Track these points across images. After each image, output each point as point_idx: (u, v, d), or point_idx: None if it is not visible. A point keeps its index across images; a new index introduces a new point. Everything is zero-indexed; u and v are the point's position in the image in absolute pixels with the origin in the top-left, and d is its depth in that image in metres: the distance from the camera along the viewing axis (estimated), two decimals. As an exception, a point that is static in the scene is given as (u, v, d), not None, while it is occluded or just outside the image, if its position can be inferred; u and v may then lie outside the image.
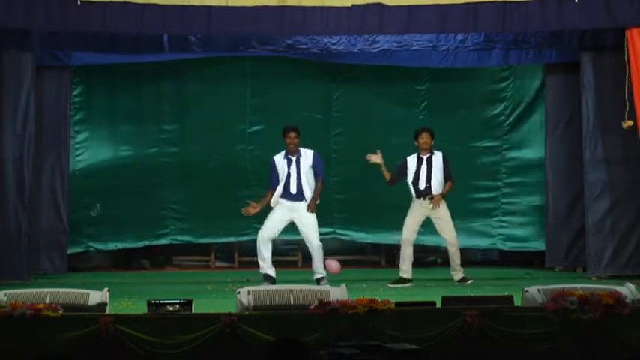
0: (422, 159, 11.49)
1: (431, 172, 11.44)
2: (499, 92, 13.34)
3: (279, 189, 11.11)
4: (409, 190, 11.50)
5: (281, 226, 11.20)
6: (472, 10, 11.01)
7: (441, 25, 11.11)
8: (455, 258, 11.52)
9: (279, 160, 11.22)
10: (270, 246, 11.13)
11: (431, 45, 11.94)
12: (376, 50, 11.94)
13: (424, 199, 11.42)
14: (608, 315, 8.01)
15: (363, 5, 10.95)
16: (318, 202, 11.17)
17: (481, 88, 13.36)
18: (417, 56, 12.41)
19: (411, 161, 11.51)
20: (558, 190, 12.77)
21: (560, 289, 8.16)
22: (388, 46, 11.87)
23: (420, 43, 11.90)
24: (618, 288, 8.33)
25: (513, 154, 13.41)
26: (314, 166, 11.21)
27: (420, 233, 13.24)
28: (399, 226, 12.81)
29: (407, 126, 13.29)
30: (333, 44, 11.80)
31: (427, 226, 13.29)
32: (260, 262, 11.09)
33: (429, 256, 13.85)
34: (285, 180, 11.10)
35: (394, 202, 12.21)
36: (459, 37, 11.91)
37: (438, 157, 11.52)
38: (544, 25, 11.18)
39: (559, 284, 8.44)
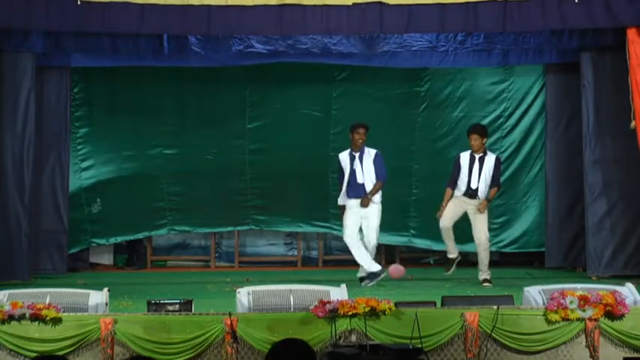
0: (474, 157, 11.52)
1: (481, 173, 11.49)
2: (499, 93, 13.33)
3: (345, 186, 11.44)
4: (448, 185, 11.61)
5: (359, 225, 11.50)
6: (472, 9, 11.00)
7: (441, 24, 11.09)
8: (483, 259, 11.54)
9: (344, 157, 11.53)
10: (361, 244, 11.41)
11: (430, 45, 11.94)
12: (376, 52, 11.93)
13: (470, 197, 11.47)
14: (608, 315, 8.03)
15: (364, 4, 10.94)
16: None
17: (481, 88, 13.35)
18: (417, 57, 12.40)
19: (464, 158, 11.58)
20: (558, 190, 12.77)
21: (560, 289, 8.17)
22: (388, 47, 11.86)
23: (419, 43, 11.90)
24: (618, 288, 8.34)
25: (513, 154, 13.40)
26: (375, 166, 11.45)
27: (412, 235, 13.23)
28: (396, 226, 12.83)
29: (406, 127, 13.31)
30: (334, 44, 11.80)
31: (418, 228, 13.30)
32: (361, 264, 11.39)
33: (428, 256, 13.85)
34: (351, 176, 11.37)
35: (392, 200, 12.21)
36: (459, 37, 11.91)
37: (490, 159, 11.54)
38: (544, 24, 11.16)
39: (559, 284, 8.45)
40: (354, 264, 11.86)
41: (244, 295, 8.18)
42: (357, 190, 11.41)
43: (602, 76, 11.84)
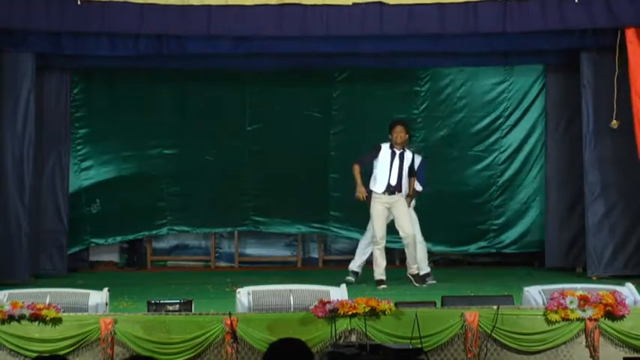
0: (395, 153, 11.32)
1: (401, 170, 11.27)
2: (499, 93, 13.32)
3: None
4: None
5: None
6: (472, 9, 11.00)
7: (441, 24, 11.08)
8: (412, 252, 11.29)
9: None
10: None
11: (431, 45, 11.90)
12: (376, 51, 11.91)
13: (390, 194, 11.26)
14: (608, 315, 8.03)
15: (364, 4, 10.93)
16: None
17: (481, 88, 13.34)
18: (417, 57, 12.38)
19: (385, 150, 11.31)
20: (558, 190, 12.75)
21: (560, 289, 8.17)
22: (388, 47, 11.82)
23: (420, 43, 11.85)
24: (618, 288, 8.34)
25: (512, 154, 13.39)
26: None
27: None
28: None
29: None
30: (333, 45, 11.75)
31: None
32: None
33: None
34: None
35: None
36: (459, 37, 11.87)
37: (409, 155, 11.34)
38: (544, 24, 11.15)
39: (559, 284, 8.46)
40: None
41: (244, 295, 8.18)
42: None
43: (602, 76, 11.82)
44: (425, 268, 11.49)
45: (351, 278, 11.36)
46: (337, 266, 13.51)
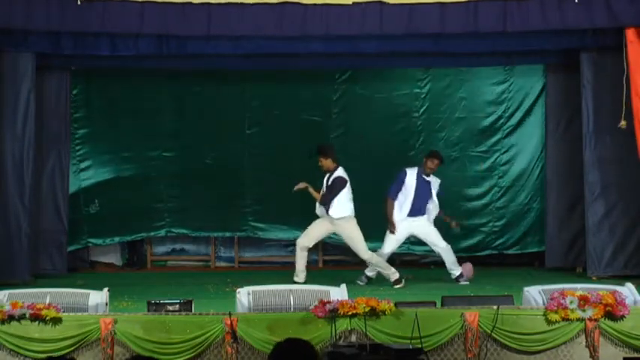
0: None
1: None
2: (500, 93, 13.31)
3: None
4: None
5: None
6: (472, 9, 11.00)
7: (441, 24, 11.08)
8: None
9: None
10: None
11: (431, 45, 11.89)
12: (376, 51, 11.90)
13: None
14: (608, 315, 8.03)
15: (364, 4, 10.93)
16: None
17: (482, 89, 13.33)
18: (418, 57, 12.38)
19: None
20: (558, 190, 12.75)
21: (560, 289, 8.17)
22: (388, 47, 11.81)
23: (420, 43, 11.84)
24: (618, 288, 8.35)
25: (513, 154, 13.38)
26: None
27: (411, 243, 13.01)
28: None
29: (407, 128, 13.28)
30: (333, 45, 11.74)
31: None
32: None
33: (427, 257, 13.81)
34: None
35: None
36: (459, 37, 11.86)
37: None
38: (544, 24, 11.15)
39: (559, 284, 8.46)
40: (354, 264, 11.87)
41: (244, 295, 8.19)
42: None
43: (602, 76, 11.83)
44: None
45: (361, 282, 11.43)
46: (337, 266, 13.52)
